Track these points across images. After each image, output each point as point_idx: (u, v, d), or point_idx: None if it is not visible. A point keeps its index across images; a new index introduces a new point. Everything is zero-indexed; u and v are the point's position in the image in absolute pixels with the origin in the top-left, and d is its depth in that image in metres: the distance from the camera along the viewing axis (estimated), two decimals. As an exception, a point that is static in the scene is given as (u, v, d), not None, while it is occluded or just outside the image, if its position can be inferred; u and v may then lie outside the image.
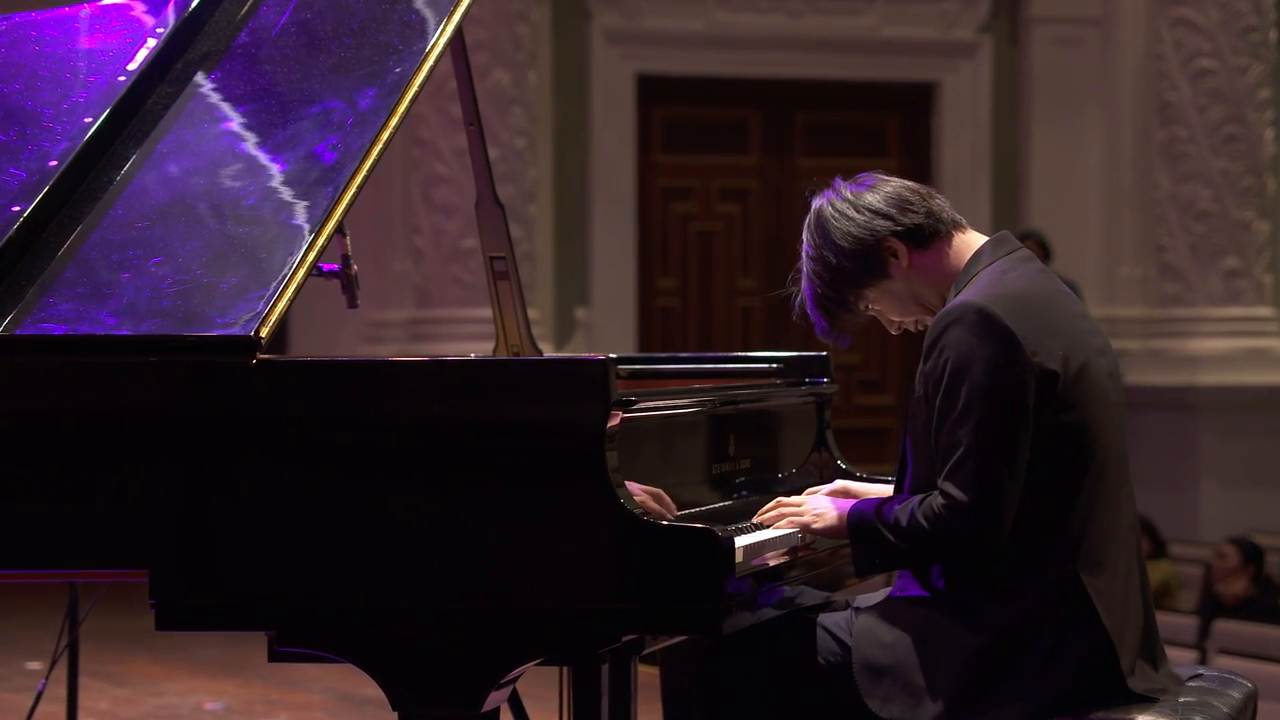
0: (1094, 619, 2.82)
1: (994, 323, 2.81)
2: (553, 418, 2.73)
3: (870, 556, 2.90)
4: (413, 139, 9.16)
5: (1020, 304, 2.85)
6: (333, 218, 2.96)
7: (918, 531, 2.82)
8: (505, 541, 2.72)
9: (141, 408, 2.82)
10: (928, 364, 2.85)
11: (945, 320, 2.85)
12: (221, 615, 2.81)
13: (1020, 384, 2.80)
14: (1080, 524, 2.84)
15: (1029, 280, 2.93)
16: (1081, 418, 2.84)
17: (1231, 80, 9.67)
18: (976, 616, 2.84)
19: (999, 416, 2.79)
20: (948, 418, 2.81)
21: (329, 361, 2.85)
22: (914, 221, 2.98)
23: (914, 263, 2.98)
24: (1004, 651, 2.82)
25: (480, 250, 3.82)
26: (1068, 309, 2.94)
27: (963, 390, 2.80)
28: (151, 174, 3.11)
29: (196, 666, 6.82)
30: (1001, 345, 2.80)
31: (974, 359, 2.80)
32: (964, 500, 2.78)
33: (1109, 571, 2.85)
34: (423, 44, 3.23)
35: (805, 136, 10.34)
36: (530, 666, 2.78)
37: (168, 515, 2.78)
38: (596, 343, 9.63)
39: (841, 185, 3.03)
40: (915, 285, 2.99)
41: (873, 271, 2.98)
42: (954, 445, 2.80)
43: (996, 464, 2.78)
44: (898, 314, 3.04)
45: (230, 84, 3.26)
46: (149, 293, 2.90)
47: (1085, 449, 2.85)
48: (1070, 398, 2.83)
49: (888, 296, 3.01)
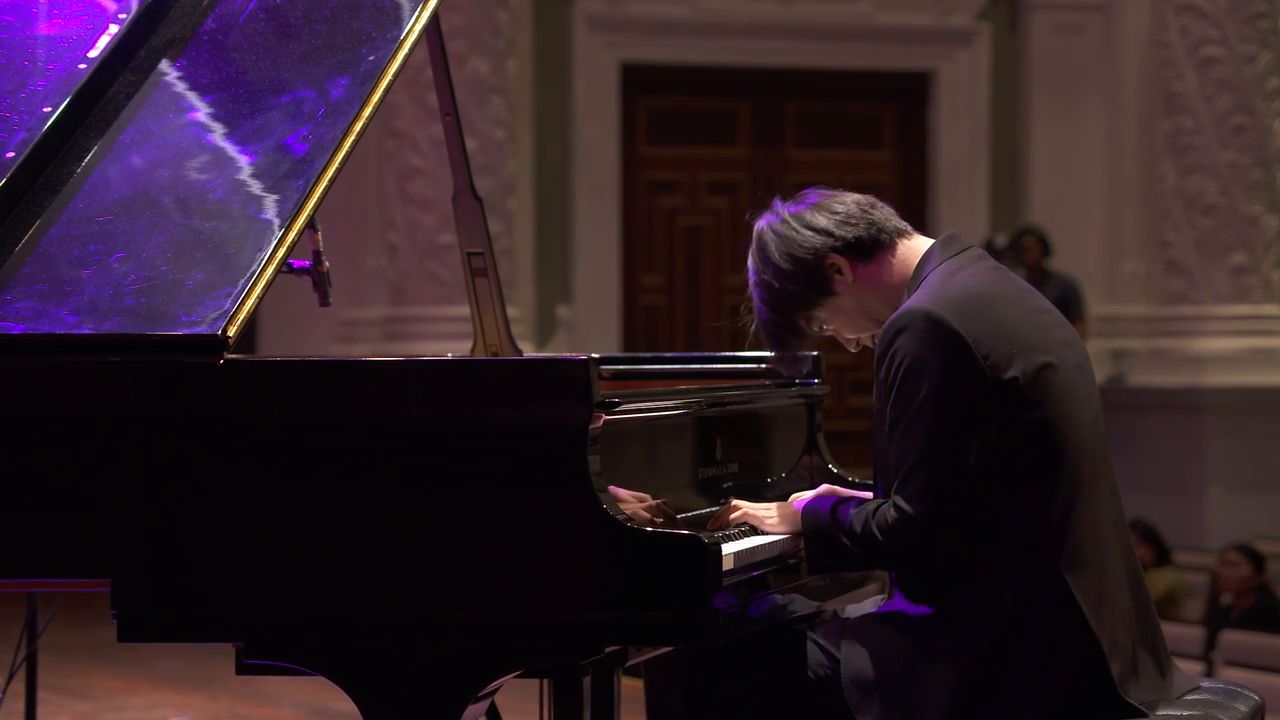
0: (1082, 623, 2.83)
1: (942, 327, 2.83)
2: (533, 420, 2.73)
3: (822, 556, 2.95)
4: (387, 130, 9.16)
5: (969, 305, 2.87)
6: (304, 212, 2.96)
7: (870, 540, 2.87)
8: (483, 548, 2.72)
9: (103, 410, 2.82)
10: (880, 373, 2.89)
11: (893, 328, 2.87)
12: (187, 626, 2.80)
13: (970, 390, 2.82)
14: (1059, 523, 2.85)
15: (979, 279, 2.94)
16: (1046, 415, 2.86)
17: (1239, 69, 9.69)
18: (965, 627, 2.86)
19: (948, 425, 2.81)
20: (898, 428, 2.85)
21: (299, 362, 2.85)
22: (854, 235, 3.00)
23: (859, 276, 3.01)
24: (994, 665, 2.84)
25: (457, 246, 3.82)
26: (1025, 305, 2.95)
27: (913, 399, 2.83)
28: (114, 166, 3.10)
29: (160, 680, 6.81)
30: (950, 351, 2.82)
31: (923, 367, 2.82)
32: (913, 513, 2.81)
33: (1094, 571, 2.87)
34: (397, 31, 3.23)
35: (796, 127, 10.35)
36: (509, 679, 2.78)
37: (130, 522, 2.78)
38: (579, 342, 9.64)
39: (780, 206, 3.08)
40: (865, 299, 3.01)
41: (818, 290, 3.01)
42: (904, 456, 2.84)
43: (947, 474, 2.81)
44: (851, 330, 3.07)
45: (196, 72, 3.26)
46: (111, 290, 2.90)
47: (1054, 447, 2.86)
48: (1033, 396, 2.85)
49: (838, 314, 3.04)
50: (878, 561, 2.92)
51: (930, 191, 10.31)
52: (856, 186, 3.21)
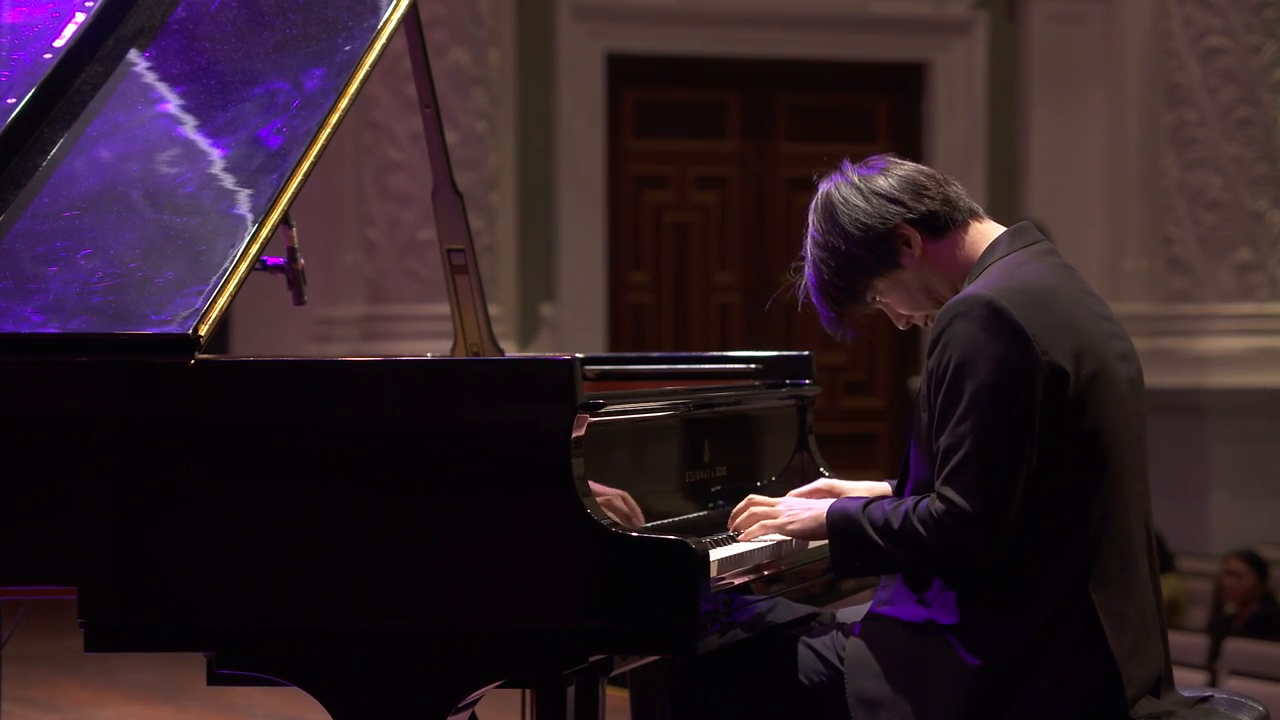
0: (1102, 645, 2.82)
1: (1003, 317, 2.81)
2: (514, 422, 2.74)
3: (852, 558, 2.90)
4: (364, 122, 9.16)
5: (1033, 298, 2.85)
6: (278, 207, 2.96)
7: (912, 537, 2.82)
8: (463, 554, 2.72)
9: (70, 412, 2.81)
10: (931, 359, 2.86)
11: (951, 313, 2.85)
12: (156, 635, 2.80)
13: (1029, 384, 2.80)
14: (1093, 538, 2.83)
15: (1046, 274, 2.93)
16: (1095, 423, 2.84)
17: (1244, 60, 9.71)
18: (978, 639, 2.84)
19: (1005, 418, 2.79)
20: (949, 417, 2.81)
21: (273, 362, 2.85)
22: (929, 208, 2.98)
23: (928, 252, 2.98)
24: (1009, 679, 2.82)
25: (437, 242, 3.83)
26: (1088, 308, 2.93)
27: (966, 388, 2.80)
28: (80, 159, 3.10)
29: (129, 691, 6.80)
30: (1010, 342, 2.80)
31: (980, 355, 2.80)
32: (966, 507, 2.78)
33: (1122, 592, 2.85)
34: (374, 20, 3.23)
35: (788, 120, 10.36)
36: (490, 689, 2.78)
37: (98, 527, 2.78)
38: (563, 341, 9.64)
39: (850, 169, 3.03)
40: (928, 276, 2.99)
41: (884, 261, 2.98)
42: (955, 447, 2.80)
43: (1002, 469, 2.78)
44: (907, 307, 3.03)
45: (166, 62, 3.26)
46: (78, 287, 2.90)
47: (1099, 457, 2.85)
48: (1084, 401, 2.83)
49: (898, 288, 3.01)
50: (918, 561, 2.85)
51: (926, 186, 10.31)
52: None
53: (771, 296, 3.21)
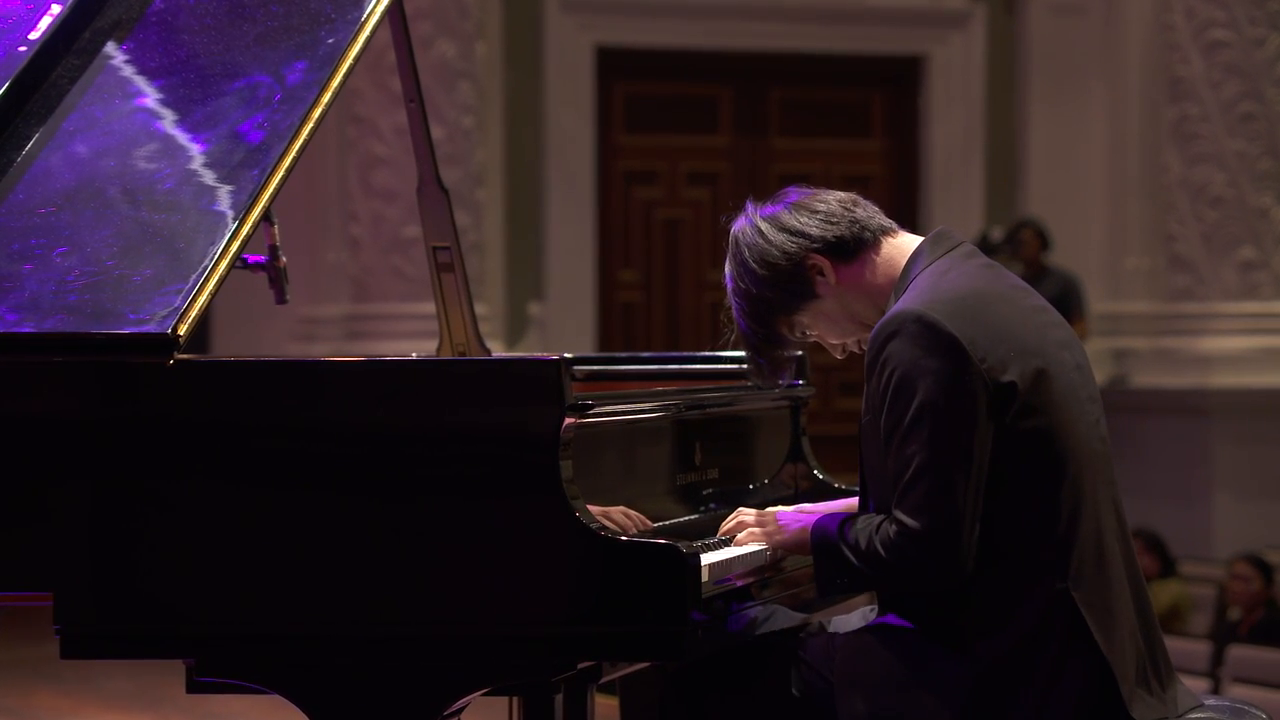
0: (1090, 643, 2.84)
1: (936, 330, 2.82)
2: (502, 424, 2.74)
3: (833, 575, 2.93)
4: (348, 117, 9.16)
5: (964, 305, 2.86)
6: (259, 203, 2.96)
7: (875, 558, 2.85)
8: (449, 559, 2.73)
9: (46, 413, 2.81)
10: (871, 382, 2.88)
11: (884, 333, 2.86)
12: (134, 642, 2.80)
13: (970, 395, 2.81)
14: (1065, 536, 2.86)
15: (972, 278, 2.93)
16: (1046, 422, 2.86)
17: (1248, 53, 9.73)
18: (967, 650, 2.86)
19: (948, 433, 2.80)
20: (894, 438, 2.83)
21: (254, 362, 2.85)
22: (835, 234, 2.99)
23: (842, 278, 2.99)
24: (1001, 686, 2.84)
25: (423, 239, 3.83)
26: (1021, 304, 2.94)
27: (909, 407, 2.81)
28: (56, 155, 3.10)
29: (107, 699, 6.79)
30: (946, 355, 2.81)
31: (918, 372, 2.81)
32: (916, 527, 2.80)
33: (1100, 585, 2.87)
34: (358, 12, 3.23)
35: (781, 115, 10.36)
36: (476, 697, 2.78)
37: (74, 532, 2.78)
38: (551, 341, 9.64)
39: (752, 208, 3.06)
40: (849, 302, 3.01)
41: (799, 294, 3.00)
42: (903, 467, 2.82)
43: (949, 485, 2.80)
44: (836, 336, 3.05)
45: (144, 55, 3.26)
46: (54, 286, 2.90)
47: (1056, 455, 2.86)
48: (1031, 402, 2.85)
49: (822, 319, 3.03)
50: (886, 582, 2.90)
51: (922, 182, 10.34)
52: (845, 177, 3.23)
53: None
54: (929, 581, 2.85)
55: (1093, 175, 10.42)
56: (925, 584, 2.86)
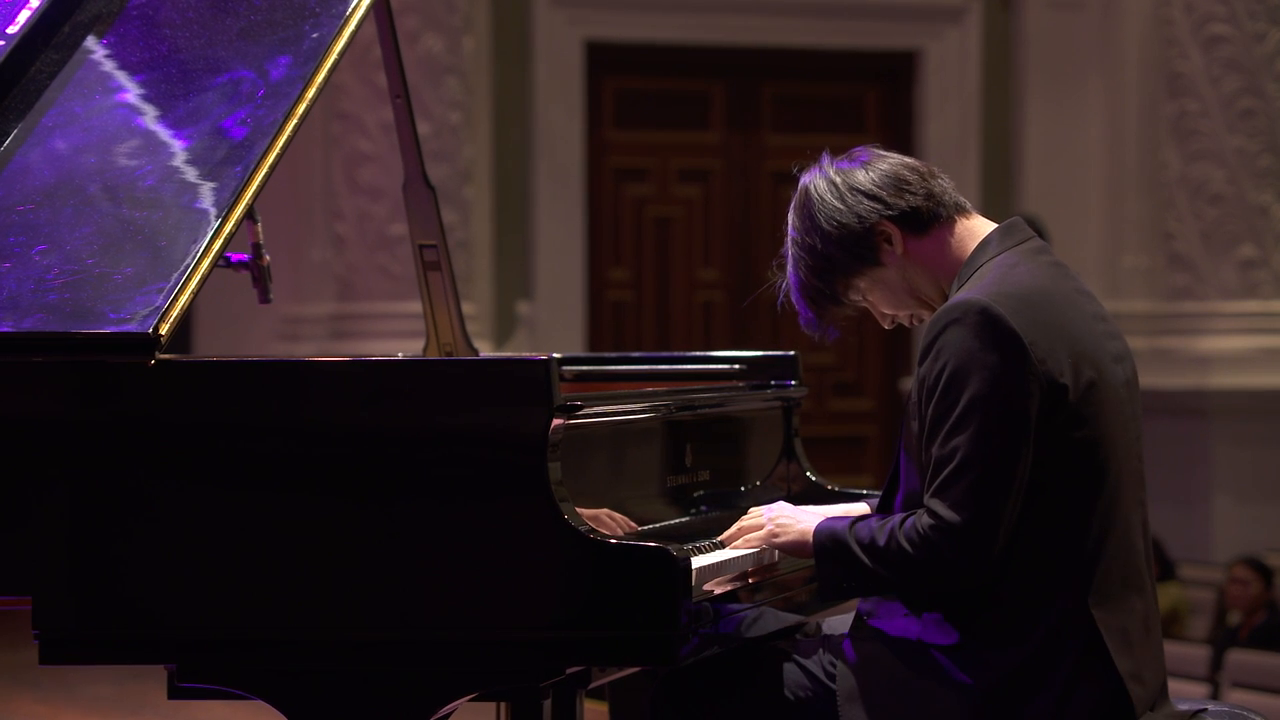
0: (1106, 663, 2.82)
1: (999, 325, 2.81)
2: (489, 425, 2.74)
3: (838, 579, 2.90)
4: (333, 112, 9.15)
5: (1028, 303, 2.85)
6: (242, 201, 2.96)
7: (898, 555, 2.81)
8: (435, 562, 2.72)
9: (25, 414, 2.81)
10: (923, 366, 2.85)
11: (945, 319, 2.84)
12: (115, 647, 2.80)
13: (1024, 395, 2.79)
14: (1092, 552, 2.84)
15: (1039, 276, 2.92)
16: (1094, 434, 2.84)
17: (1248, 48, 9.74)
18: (975, 661, 2.84)
19: (999, 430, 2.78)
20: (941, 428, 2.81)
21: (237, 362, 2.85)
22: (910, 204, 2.97)
23: (910, 250, 2.98)
24: (1007, 706, 2.82)
25: (409, 238, 3.83)
26: (1083, 310, 2.93)
27: (960, 399, 2.79)
28: (35, 151, 3.10)
29: (87, 706, 6.79)
30: (1006, 351, 2.80)
31: (974, 364, 2.79)
32: (954, 521, 2.78)
33: (1125, 607, 2.86)
34: (343, 6, 3.23)
35: (774, 111, 10.37)
36: (464, 702, 2.78)
37: (54, 535, 2.78)
38: (540, 341, 9.64)
39: (828, 163, 3.02)
40: (911, 276, 2.99)
41: (863, 259, 2.97)
42: (946, 459, 2.80)
43: (993, 483, 2.78)
44: (890, 306, 3.03)
45: (125, 50, 3.25)
46: (33, 284, 2.90)
47: (1098, 468, 2.85)
48: (1083, 412, 2.83)
49: (880, 287, 3.00)
50: (904, 580, 2.85)
51: (917, 179, 10.33)
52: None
53: (754, 294, 3.20)
54: (954, 579, 2.81)
55: (1090, 172, 10.43)
56: (949, 583, 2.83)
